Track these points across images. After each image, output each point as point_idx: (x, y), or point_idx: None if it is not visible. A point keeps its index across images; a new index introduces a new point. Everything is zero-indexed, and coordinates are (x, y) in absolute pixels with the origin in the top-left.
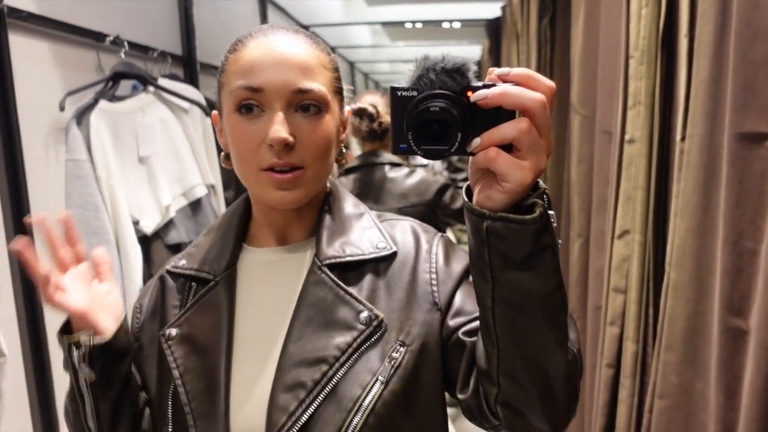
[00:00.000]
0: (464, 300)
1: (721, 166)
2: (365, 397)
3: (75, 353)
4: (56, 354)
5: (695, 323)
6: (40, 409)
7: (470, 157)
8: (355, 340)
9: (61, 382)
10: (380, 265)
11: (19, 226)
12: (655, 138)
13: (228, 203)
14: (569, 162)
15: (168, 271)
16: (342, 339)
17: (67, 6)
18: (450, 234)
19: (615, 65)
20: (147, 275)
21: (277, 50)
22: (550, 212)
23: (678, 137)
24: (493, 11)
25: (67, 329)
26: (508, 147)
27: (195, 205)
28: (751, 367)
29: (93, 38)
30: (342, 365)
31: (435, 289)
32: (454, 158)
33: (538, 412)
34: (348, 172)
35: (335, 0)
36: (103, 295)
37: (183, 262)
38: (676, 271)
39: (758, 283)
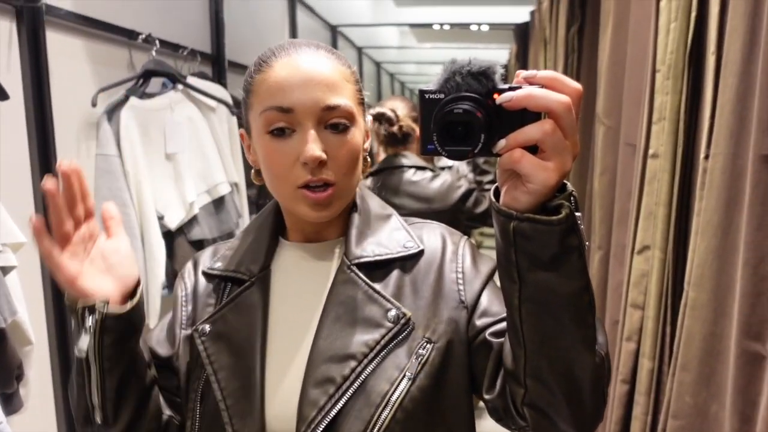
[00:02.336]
0: (491, 301)
1: (744, 188)
2: (393, 393)
3: (89, 319)
4: None
5: (712, 345)
6: (63, 397)
7: (498, 159)
8: (383, 337)
9: None
10: (407, 263)
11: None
12: (679, 154)
13: (250, 201)
14: (592, 172)
15: (204, 272)
16: (370, 336)
17: (102, 4)
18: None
19: (641, 77)
20: (170, 270)
21: (303, 69)
22: (577, 214)
23: (702, 155)
24: (522, 16)
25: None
26: (533, 149)
27: (218, 203)
28: None
29: (126, 36)
30: (370, 362)
31: (461, 287)
32: (480, 160)
33: (565, 415)
34: (370, 175)
35: (364, 0)
36: (109, 254)
37: (219, 264)
38: (695, 291)
39: None
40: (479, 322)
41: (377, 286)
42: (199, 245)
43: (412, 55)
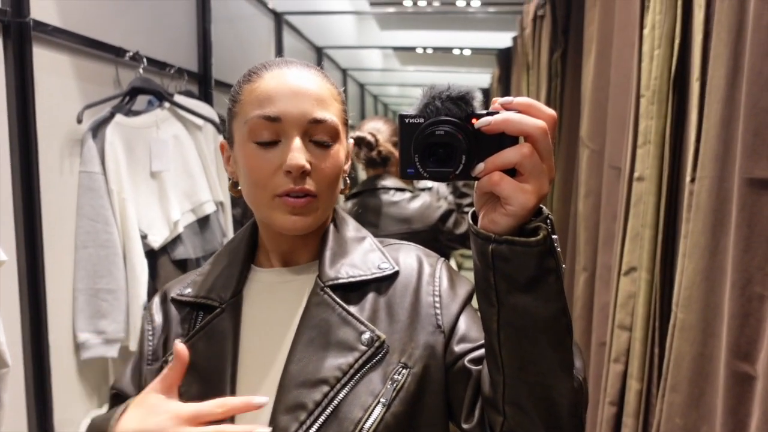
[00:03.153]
0: (469, 326)
1: (730, 211)
2: (366, 420)
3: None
4: (57, 366)
5: (701, 365)
6: (38, 422)
7: (476, 183)
8: (356, 360)
9: (60, 395)
10: (382, 285)
11: (30, 233)
12: (665, 177)
13: (235, 221)
14: (577, 195)
15: (173, 299)
16: (344, 360)
17: (91, 21)
18: (451, 260)
19: (625, 102)
20: (152, 289)
21: (293, 81)
22: (554, 236)
23: (688, 178)
24: (505, 41)
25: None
26: (511, 172)
27: (203, 222)
28: (758, 413)
29: (113, 53)
30: (343, 386)
31: (438, 311)
32: (460, 183)
33: None
34: (351, 197)
35: (349, 23)
36: None
37: (189, 290)
38: (684, 312)
39: (766, 328)
40: (457, 348)
41: (352, 308)
42: (182, 265)
43: (396, 77)
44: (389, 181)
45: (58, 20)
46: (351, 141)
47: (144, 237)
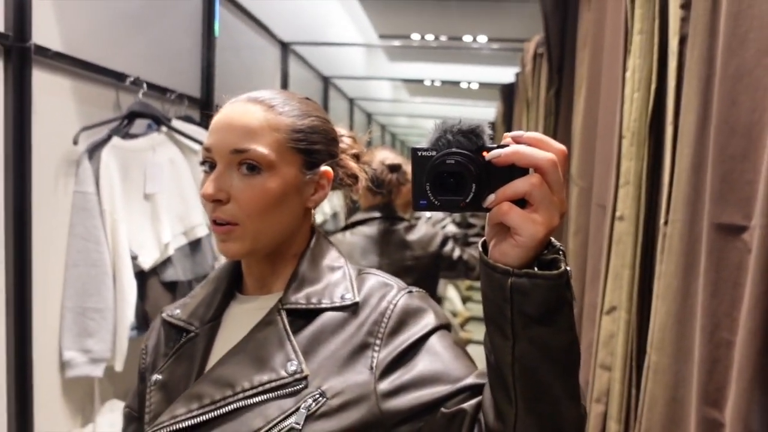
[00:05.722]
0: (436, 366)
1: (700, 254)
2: (267, 431)
3: None
4: (40, 383)
5: (674, 410)
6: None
7: (486, 215)
8: (270, 381)
9: (42, 413)
10: (338, 315)
11: (20, 250)
12: (641, 218)
13: None
14: (567, 232)
15: (163, 320)
16: (259, 376)
17: (94, 46)
18: (452, 290)
19: (611, 141)
20: (140, 311)
21: (227, 116)
22: (568, 268)
23: (662, 221)
24: (508, 76)
25: None
26: (521, 204)
27: (194, 245)
28: None
29: (114, 78)
30: (247, 398)
31: (375, 353)
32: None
33: None
34: (354, 225)
35: (357, 54)
36: None
37: (177, 311)
38: (657, 355)
39: (733, 375)
40: (429, 392)
41: (294, 335)
42: (172, 287)
43: (404, 108)
44: (389, 211)
45: (60, 45)
46: (326, 169)
47: (134, 258)
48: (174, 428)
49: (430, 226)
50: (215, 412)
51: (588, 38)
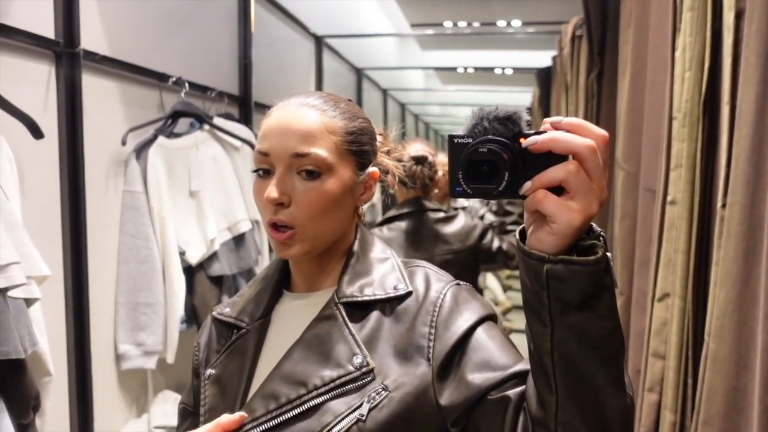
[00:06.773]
0: (487, 353)
1: (762, 238)
2: (335, 426)
3: None
4: (98, 376)
5: (735, 399)
6: (79, 430)
7: (523, 202)
8: (340, 377)
9: (101, 404)
10: (391, 306)
11: (76, 248)
12: (696, 202)
13: None
14: (612, 218)
15: (214, 318)
16: (329, 372)
17: (137, 49)
18: (492, 279)
19: (659, 124)
20: (189, 305)
21: (283, 119)
22: (608, 254)
23: (719, 204)
24: (545, 61)
25: None
26: (559, 191)
27: (239, 239)
28: None
29: (157, 79)
30: (320, 395)
31: (430, 344)
32: (505, 202)
33: None
34: (390, 220)
35: (389, 44)
36: None
37: (227, 310)
38: (716, 343)
39: None
40: (479, 378)
41: (353, 327)
42: (218, 281)
43: (437, 96)
44: (426, 203)
45: (107, 49)
46: (374, 170)
47: (182, 254)
48: (260, 429)
49: (469, 219)
50: (292, 412)
51: (632, 17)
